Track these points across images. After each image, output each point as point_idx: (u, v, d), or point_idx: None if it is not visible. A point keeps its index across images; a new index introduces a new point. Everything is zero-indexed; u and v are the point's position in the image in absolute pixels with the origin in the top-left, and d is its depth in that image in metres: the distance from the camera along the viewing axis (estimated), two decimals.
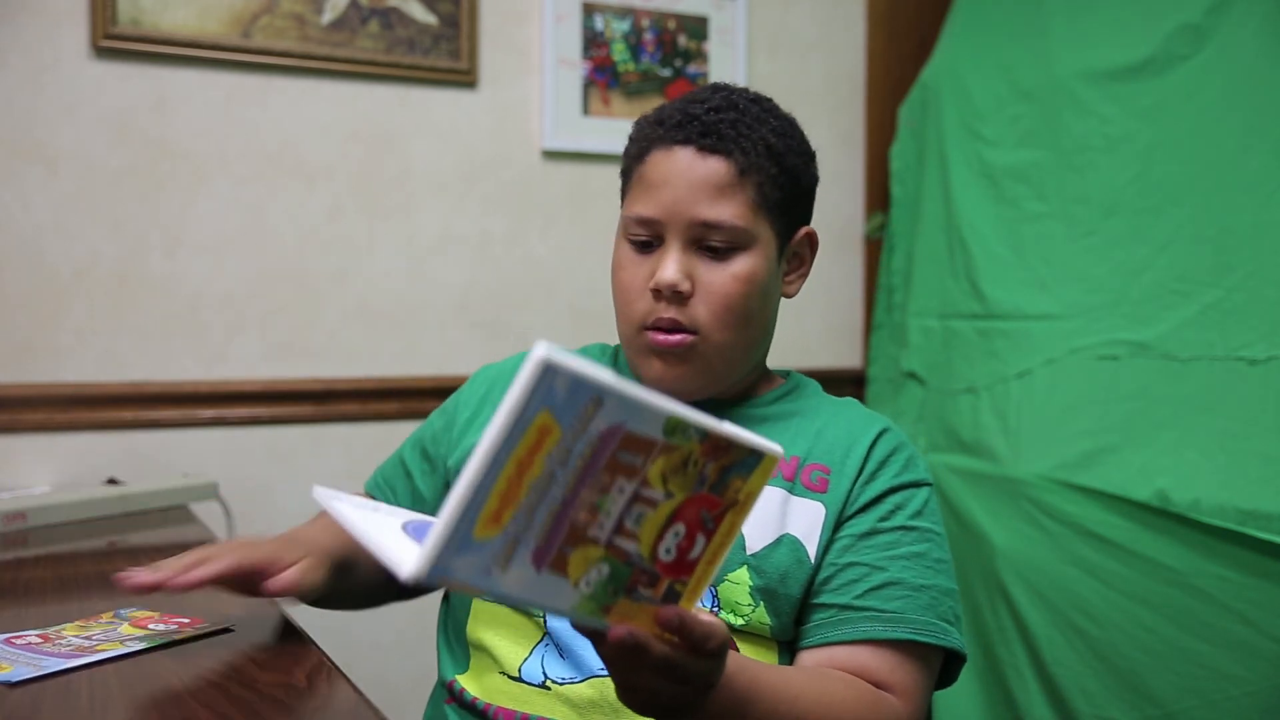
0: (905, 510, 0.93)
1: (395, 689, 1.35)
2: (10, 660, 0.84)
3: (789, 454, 0.94)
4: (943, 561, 0.93)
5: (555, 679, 0.88)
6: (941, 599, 0.91)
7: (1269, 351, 1.48)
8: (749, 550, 0.89)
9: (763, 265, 0.94)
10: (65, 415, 1.77)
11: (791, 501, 0.92)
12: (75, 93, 1.77)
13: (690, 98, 0.99)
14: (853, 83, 2.39)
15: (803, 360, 2.31)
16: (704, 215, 0.92)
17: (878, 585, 0.89)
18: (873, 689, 0.86)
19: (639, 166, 0.97)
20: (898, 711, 0.87)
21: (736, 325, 0.93)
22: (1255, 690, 1.43)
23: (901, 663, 0.88)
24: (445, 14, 1.99)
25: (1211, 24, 1.64)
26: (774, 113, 0.99)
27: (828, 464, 0.94)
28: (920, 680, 0.90)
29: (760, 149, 0.94)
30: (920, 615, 0.89)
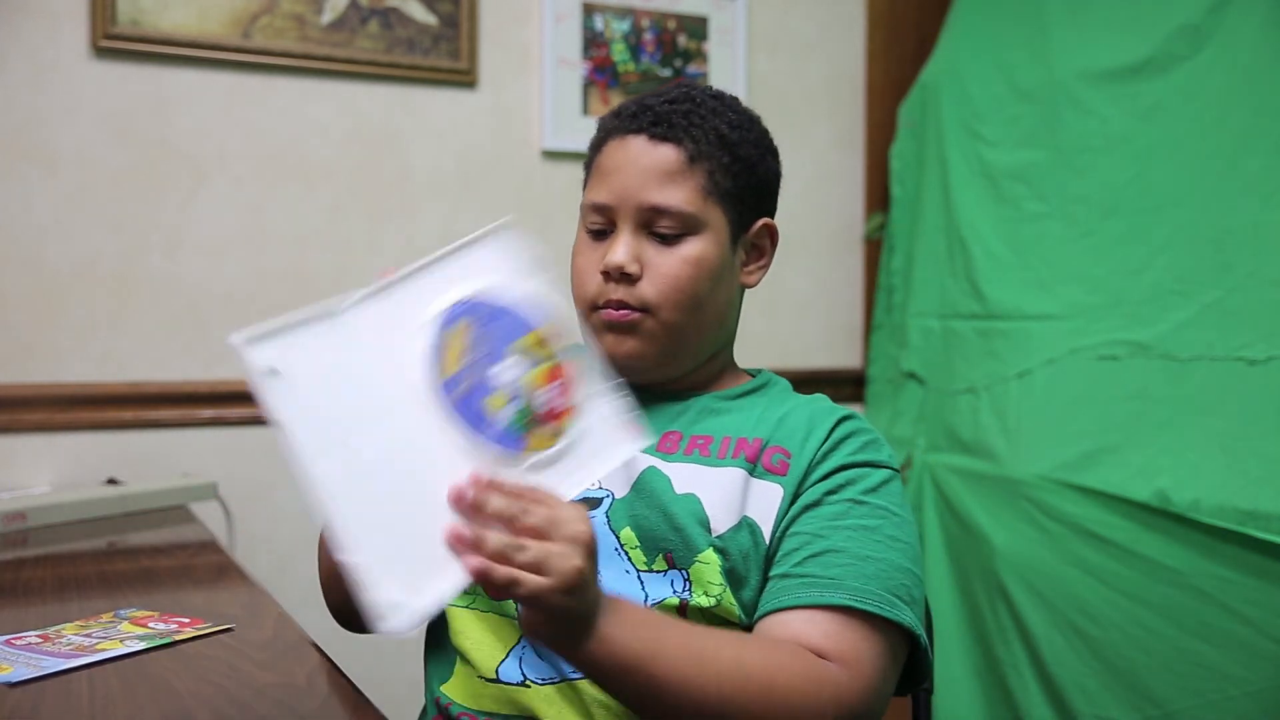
0: (857, 485, 0.92)
1: (395, 689, 1.35)
2: (10, 660, 0.84)
3: (751, 436, 0.95)
4: (899, 540, 0.89)
5: (534, 679, 0.88)
6: (892, 573, 0.86)
7: (1269, 351, 1.48)
8: (715, 532, 0.90)
9: (713, 251, 0.96)
10: (65, 415, 1.77)
11: (752, 484, 0.92)
12: (75, 93, 1.77)
13: (650, 92, 1.02)
14: (853, 83, 2.39)
15: (803, 360, 2.31)
16: (653, 200, 0.94)
17: (816, 553, 0.87)
18: (810, 654, 0.82)
19: (597, 157, 1.00)
20: (838, 678, 0.81)
21: (685, 306, 0.95)
22: (1255, 690, 1.43)
23: (841, 630, 0.83)
24: (445, 14, 1.99)
25: (1211, 24, 1.64)
26: (733, 108, 1.00)
27: (789, 448, 0.94)
28: (868, 651, 0.83)
29: (712, 138, 0.96)
30: (861, 583, 0.85)
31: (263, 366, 0.73)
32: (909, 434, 2.15)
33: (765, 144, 1.01)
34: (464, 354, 0.75)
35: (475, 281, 0.77)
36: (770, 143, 1.02)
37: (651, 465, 0.94)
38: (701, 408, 0.99)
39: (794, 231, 2.34)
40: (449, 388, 0.74)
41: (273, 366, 0.73)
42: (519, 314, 0.78)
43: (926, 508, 2.03)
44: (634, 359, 0.97)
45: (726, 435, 0.96)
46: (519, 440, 0.75)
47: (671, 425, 0.98)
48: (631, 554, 0.91)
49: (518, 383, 0.76)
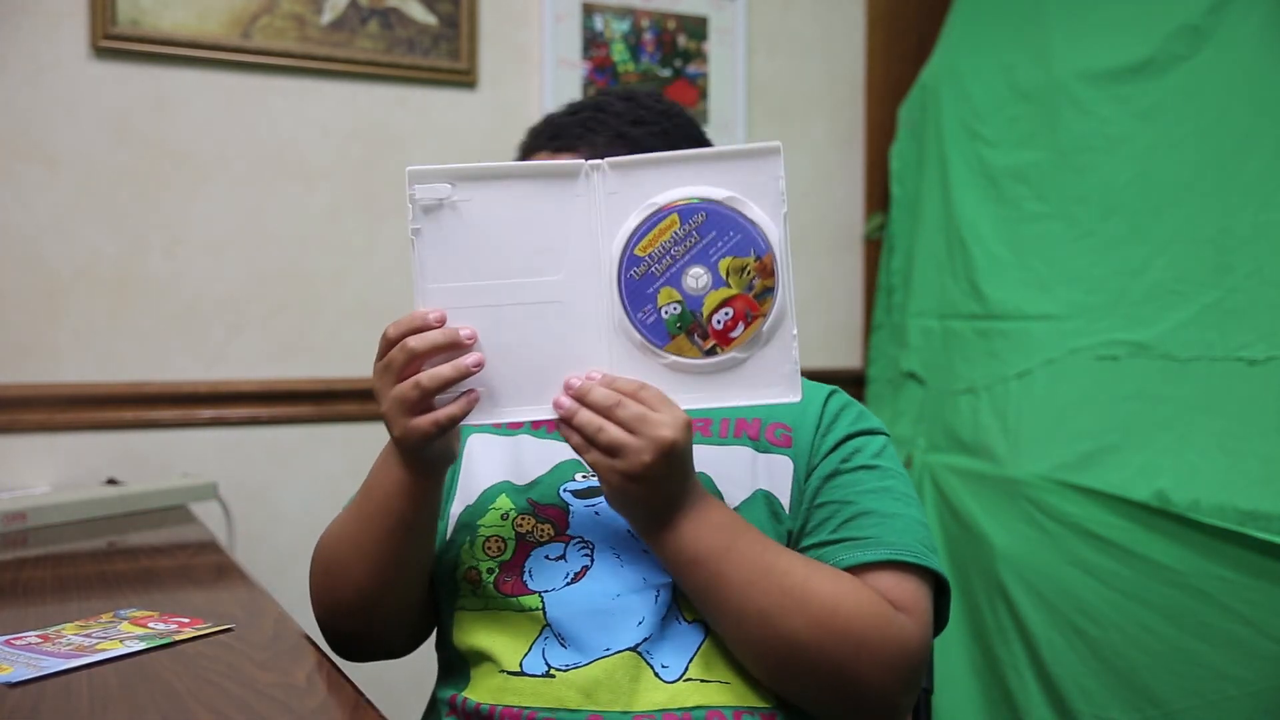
0: (864, 453, 0.97)
1: (395, 689, 1.35)
2: (10, 661, 0.84)
3: (750, 416, 0.98)
4: (910, 496, 0.95)
5: (559, 666, 0.88)
6: (915, 527, 0.92)
7: (1269, 351, 1.48)
8: (730, 504, 0.92)
9: None
10: (65, 415, 1.77)
11: (760, 459, 0.96)
12: (75, 93, 1.77)
13: (563, 107, 1.08)
14: (852, 83, 2.39)
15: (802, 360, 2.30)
16: None
17: (850, 517, 0.92)
18: (879, 595, 0.87)
19: None
20: (904, 623, 0.86)
21: None
22: (1255, 690, 1.43)
23: (897, 582, 0.88)
24: (445, 14, 1.99)
25: (1211, 24, 1.64)
26: (644, 105, 1.04)
27: (788, 422, 0.98)
28: (922, 600, 0.89)
29: (609, 139, 1.00)
30: (896, 538, 0.90)
31: (431, 200, 0.79)
32: (909, 434, 2.15)
33: (679, 134, 1.04)
34: (665, 243, 0.81)
35: (722, 189, 0.81)
36: (690, 133, 1.05)
37: None
38: None
39: (794, 231, 2.32)
40: (629, 264, 0.81)
41: (446, 199, 0.79)
42: (741, 235, 0.82)
43: (927, 508, 2.03)
44: None
45: (725, 418, 0.98)
46: (665, 336, 0.81)
47: None
48: None
49: (702, 292, 0.81)
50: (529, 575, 0.92)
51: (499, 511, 0.97)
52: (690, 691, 0.86)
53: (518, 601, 0.90)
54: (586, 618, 0.88)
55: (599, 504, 0.94)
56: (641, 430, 0.79)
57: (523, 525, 0.95)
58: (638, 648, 0.87)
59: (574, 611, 0.89)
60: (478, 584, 0.93)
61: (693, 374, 0.82)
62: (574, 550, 0.92)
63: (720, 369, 0.82)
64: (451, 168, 0.79)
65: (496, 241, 0.80)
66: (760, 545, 0.85)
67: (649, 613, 0.88)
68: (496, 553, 0.94)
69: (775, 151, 0.82)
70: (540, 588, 0.91)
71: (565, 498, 0.96)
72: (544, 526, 0.94)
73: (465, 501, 1.00)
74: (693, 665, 0.87)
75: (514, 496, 0.97)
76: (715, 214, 0.81)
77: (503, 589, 0.92)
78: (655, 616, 0.87)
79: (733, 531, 0.85)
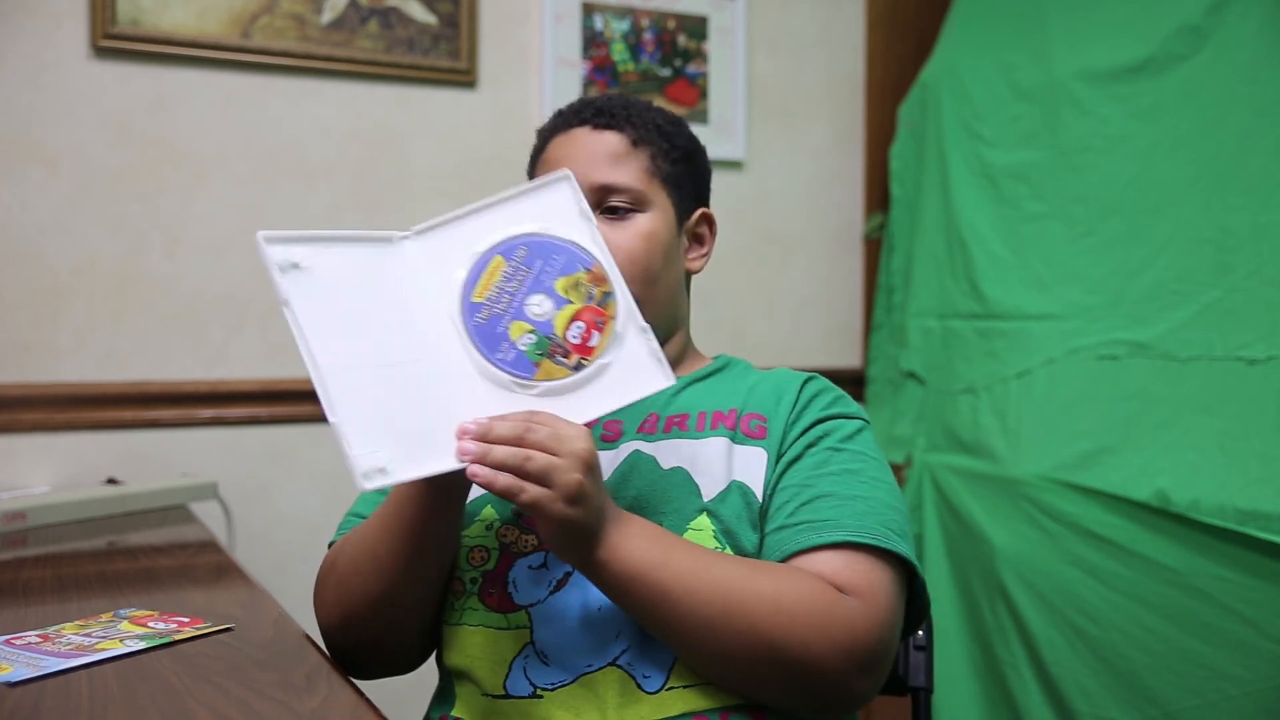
0: (833, 436, 0.95)
1: (395, 689, 1.35)
2: (10, 660, 0.84)
3: (726, 408, 0.98)
4: (881, 481, 0.92)
5: (544, 685, 0.87)
6: (882, 509, 0.89)
7: (1269, 351, 1.48)
8: (706, 498, 0.92)
9: (663, 227, 1.01)
10: (65, 415, 1.77)
11: (735, 450, 0.95)
12: (75, 93, 1.77)
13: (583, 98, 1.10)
14: (852, 83, 2.39)
15: (802, 360, 2.31)
16: (604, 179, 0.99)
17: (808, 500, 0.90)
18: (825, 583, 0.83)
19: (541, 156, 1.05)
20: (851, 607, 0.82)
21: (641, 279, 0.97)
22: (1255, 690, 1.43)
23: (848, 564, 0.85)
24: (445, 14, 1.99)
25: (1211, 24, 1.64)
26: (668, 114, 1.07)
27: (763, 413, 0.97)
28: (878, 583, 0.85)
29: (650, 127, 1.02)
30: (856, 520, 0.87)
31: (284, 261, 0.77)
32: (909, 434, 2.15)
33: (696, 143, 1.08)
34: (498, 283, 0.83)
35: (530, 224, 0.85)
36: (700, 144, 1.09)
37: (635, 449, 0.96)
38: (674, 389, 0.99)
39: (794, 231, 2.34)
40: (472, 311, 0.82)
41: (295, 262, 0.77)
42: (565, 255, 0.85)
43: (926, 508, 2.03)
44: None
45: (702, 410, 0.99)
46: (530, 367, 0.82)
47: (650, 408, 1.00)
48: None
49: (548, 316, 0.83)
50: (514, 588, 0.91)
51: (484, 523, 0.97)
52: (674, 699, 0.85)
53: (504, 617, 0.90)
54: (571, 634, 0.88)
55: None
56: (561, 449, 0.77)
57: (507, 535, 0.95)
58: (618, 661, 0.87)
59: (559, 629, 0.89)
60: (461, 594, 0.93)
61: (569, 392, 0.83)
62: (555, 558, 0.92)
63: (592, 378, 0.83)
64: (298, 233, 0.79)
65: (356, 304, 0.80)
66: (694, 553, 0.84)
67: (628, 622, 0.87)
68: (480, 563, 0.94)
69: (566, 178, 0.86)
70: (526, 601, 0.90)
71: None
72: (528, 537, 0.94)
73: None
74: (674, 673, 0.86)
75: (499, 506, 0.97)
76: (535, 244, 0.84)
77: (488, 602, 0.91)
78: (634, 626, 0.87)
79: (664, 542, 0.83)
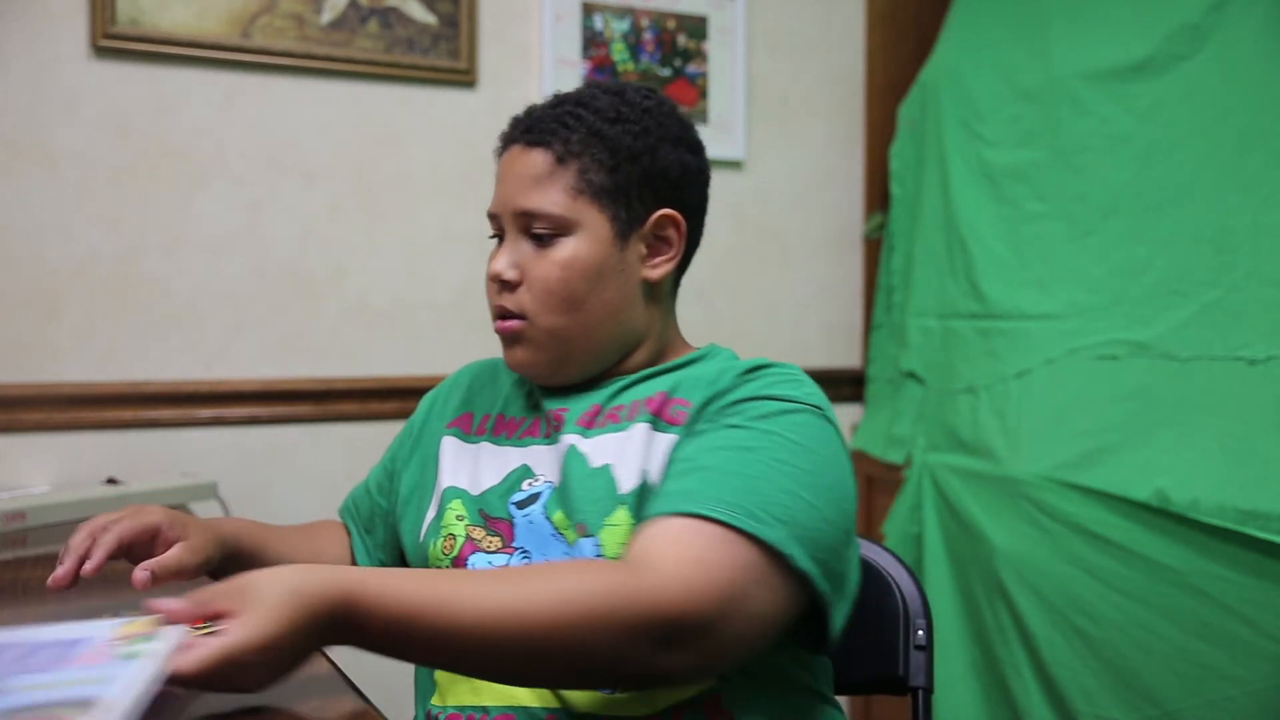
0: (745, 414, 0.87)
1: (395, 689, 1.35)
2: None
3: (654, 391, 0.96)
4: (787, 464, 0.82)
5: None
6: (768, 490, 0.79)
7: (1269, 351, 1.48)
8: (621, 490, 0.90)
9: (588, 249, 0.97)
10: (64, 415, 1.77)
11: (654, 438, 0.92)
12: (75, 93, 1.77)
13: (553, 95, 1.04)
14: (852, 82, 2.39)
15: (802, 360, 2.30)
16: (523, 205, 0.97)
17: (682, 473, 0.84)
18: (615, 563, 0.77)
19: (497, 166, 1.03)
20: (649, 586, 0.73)
21: (561, 309, 0.96)
22: (1255, 690, 1.43)
23: (681, 535, 0.76)
24: (445, 14, 1.98)
25: (1211, 24, 1.64)
26: (628, 101, 0.99)
27: (689, 398, 0.93)
28: (710, 557, 0.75)
29: (583, 136, 0.96)
30: (719, 494, 0.78)
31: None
32: (909, 434, 2.15)
33: (662, 134, 0.99)
34: None
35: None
36: (675, 132, 1.00)
37: (571, 444, 0.96)
38: (626, 382, 1.00)
39: (794, 231, 2.34)
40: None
41: None
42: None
43: (926, 508, 2.03)
44: (526, 367, 1.00)
45: (636, 400, 0.97)
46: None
47: (594, 400, 0.99)
48: (566, 534, 0.92)
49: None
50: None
51: (454, 513, 0.99)
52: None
53: None
54: None
55: (531, 512, 0.95)
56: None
57: (475, 534, 0.97)
58: None
59: None
60: None
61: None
62: (516, 560, 0.93)
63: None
64: None
65: None
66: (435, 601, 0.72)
67: None
68: (448, 550, 0.96)
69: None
70: None
71: (510, 509, 0.97)
72: (493, 539, 0.96)
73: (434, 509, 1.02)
74: None
75: (467, 503, 0.99)
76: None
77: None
78: None
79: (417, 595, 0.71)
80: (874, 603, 1.13)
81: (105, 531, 0.93)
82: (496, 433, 1.05)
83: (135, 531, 0.94)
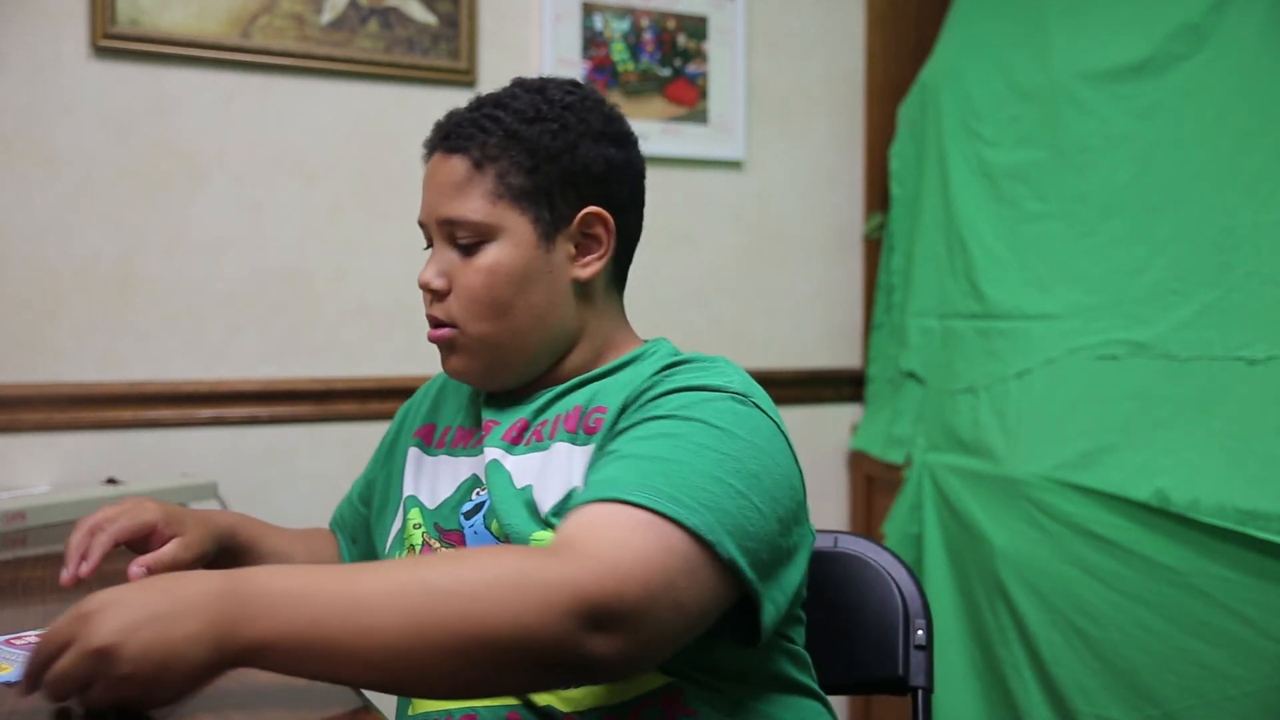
0: (666, 405, 0.85)
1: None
2: (10, 661, 0.84)
3: (571, 406, 0.94)
4: (712, 450, 0.79)
5: None
6: (691, 476, 0.77)
7: (1269, 351, 1.48)
8: (543, 509, 0.89)
9: (511, 254, 0.95)
10: (65, 415, 1.77)
11: (574, 452, 0.91)
12: (75, 93, 1.77)
13: (476, 98, 1.02)
14: (852, 82, 2.39)
15: (802, 360, 2.31)
16: (445, 213, 0.96)
17: (602, 464, 0.82)
18: (526, 549, 0.76)
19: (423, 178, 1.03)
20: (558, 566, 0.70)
21: (488, 316, 0.96)
22: (1255, 690, 1.43)
23: (610, 521, 0.74)
24: (444, 14, 1.98)
25: (1211, 24, 1.64)
26: (547, 98, 0.96)
27: (605, 404, 0.92)
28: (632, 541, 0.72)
29: (500, 140, 0.95)
30: (638, 479, 0.76)
31: None
32: (909, 434, 2.15)
33: (583, 129, 0.96)
34: None
35: None
36: (598, 127, 0.97)
37: (494, 459, 0.95)
38: (556, 392, 0.99)
39: (794, 231, 2.34)
40: None
41: None
42: None
43: (926, 508, 2.03)
44: (462, 374, 1.00)
45: (559, 414, 0.96)
46: None
47: (522, 413, 0.98)
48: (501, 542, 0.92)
49: None
50: None
51: (412, 523, 1.00)
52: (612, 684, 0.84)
53: None
54: None
55: (475, 523, 0.95)
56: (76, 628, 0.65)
57: (431, 544, 0.97)
58: None
59: None
60: None
61: None
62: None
63: None
64: None
65: None
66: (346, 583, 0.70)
67: None
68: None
69: None
70: None
71: (460, 519, 0.97)
72: (446, 550, 0.96)
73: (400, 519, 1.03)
74: None
75: (424, 515, 1.00)
76: None
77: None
78: None
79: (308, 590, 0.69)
80: (874, 603, 1.13)
81: (101, 531, 0.95)
82: (455, 444, 1.04)
83: (131, 531, 0.97)
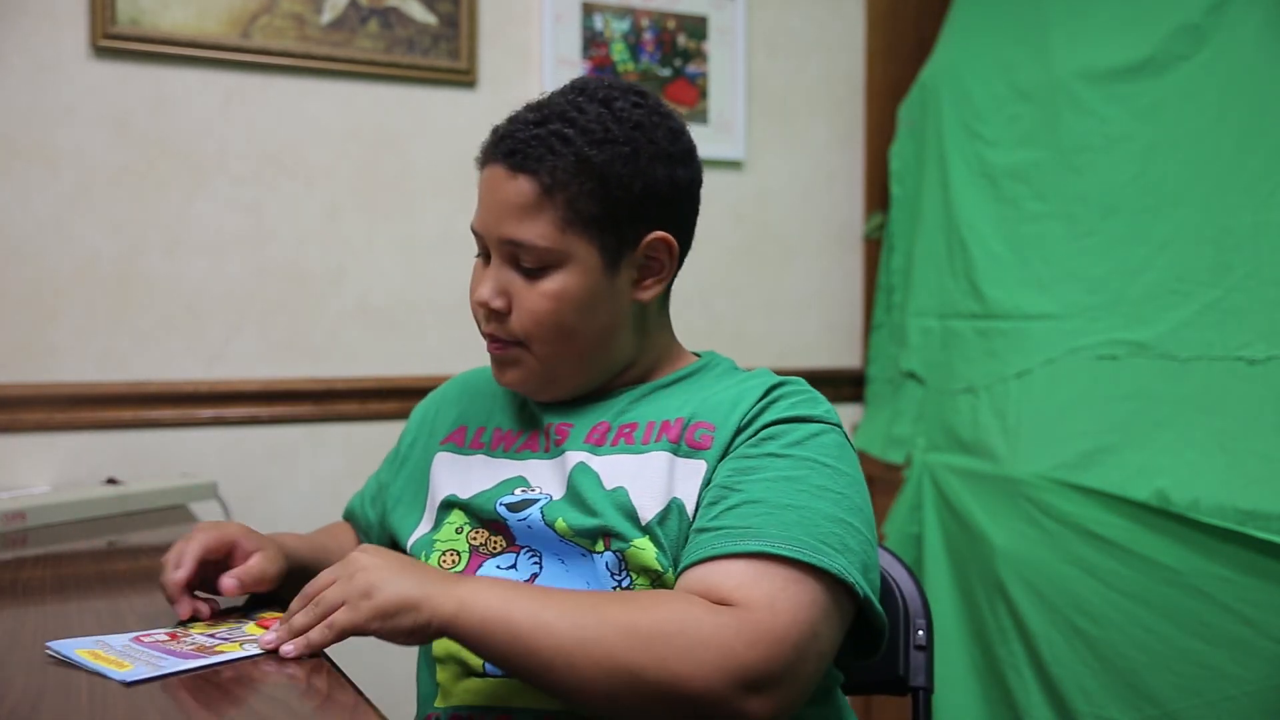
0: (781, 440, 0.88)
1: (395, 689, 1.35)
2: (131, 658, 0.84)
3: (674, 418, 0.94)
4: (829, 490, 0.85)
5: None
6: (820, 521, 0.82)
7: (1268, 351, 1.48)
8: (644, 519, 0.90)
9: (578, 281, 0.94)
10: (64, 415, 1.77)
11: (677, 464, 0.92)
12: (75, 93, 1.77)
13: (527, 106, 0.98)
14: (852, 83, 2.39)
15: (802, 360, 2.31)
16: (511, 234, 0.93)
17: (734, 505, 0.84)
18: (702, 601, 0.78)
19: (480, 178, 0.99)
20: (724, 625, 0.76)
21: (554, 339, 0.95)
22: (1255, 690, 1.43)
23: (757, 577, 0.79)
24: (445, 14, 1.99)
25: (1211, 24, 1.64)
26: (623, 120, 0.94)
27: (713, 421, 0.92)
28: (785, 598, 0.78)
29: (570, 165, 0.91)
30: (781, 530, 0.81)
31: None
32: (908, 434, 2.15)
33: (653, 152, 0.94)
34: None
35: None
36: (666, 147, 0.95)
37: (580, 461, 0.95)
38: (632, 397, 1.00)
39: (794, 231, 2.34)
40: None
41: None
42: None
43: (926, 508, 2.03)
44: (518, 386, 1.00)
45: (651, 420, 0.96)
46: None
47: (602, 416, 0.99)
48: (579, 543, 0.92)
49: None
50: None
51: (453, 526, 0.99)
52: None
53: None
54: None
55: (528, 516, 0.95)
56: (340, 573, 0.84)
57: (476, 538, 0.97)
58: None
59: None
60: None
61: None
62: (524, 559, 0.93)
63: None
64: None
65: None
66: (541, 593, 0.81)
67: None
68: (450, 565, 0.96)
69: None
70: None
71: (500, 511, 0.96)
72: (496, 539, 0.96)
73: (428, 522, 1.03)
74: None
75: (466, 511, 0.99)
76: None
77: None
78: None
79: (509, 589, 0.81)
80: None
81: (190, 541, 0.97)
82: (494, 446, 1.04)
83: (217, 540, 0.97)
